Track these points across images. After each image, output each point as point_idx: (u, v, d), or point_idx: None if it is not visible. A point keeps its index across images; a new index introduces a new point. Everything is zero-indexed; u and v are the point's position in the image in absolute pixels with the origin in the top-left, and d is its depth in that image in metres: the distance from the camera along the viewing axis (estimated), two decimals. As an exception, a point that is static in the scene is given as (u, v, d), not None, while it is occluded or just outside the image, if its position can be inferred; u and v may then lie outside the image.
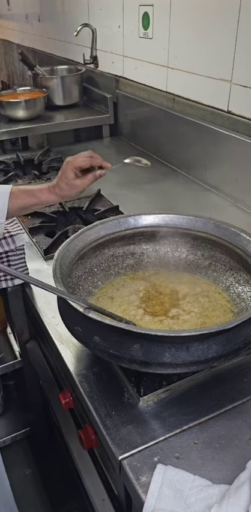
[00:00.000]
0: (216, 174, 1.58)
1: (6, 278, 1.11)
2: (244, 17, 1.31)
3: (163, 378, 0.81)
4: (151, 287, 0.96)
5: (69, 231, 1.32)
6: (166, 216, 1.01)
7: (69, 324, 0.80)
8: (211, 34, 1.46)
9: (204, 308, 0.90)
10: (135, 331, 0.68)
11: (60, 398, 0.97)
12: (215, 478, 0.65)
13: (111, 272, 1.00)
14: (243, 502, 0.57)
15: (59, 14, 2.68)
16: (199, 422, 0.74)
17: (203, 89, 1.57)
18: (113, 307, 0.90)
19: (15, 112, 2.09)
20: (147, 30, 1.79)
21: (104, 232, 0.98)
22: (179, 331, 0.79)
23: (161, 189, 1.65)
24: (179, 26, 1.62)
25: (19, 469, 1.67)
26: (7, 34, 3.99)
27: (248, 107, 1.39)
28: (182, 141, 1.72)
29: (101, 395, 0.79)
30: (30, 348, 1.33)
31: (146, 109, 1.92)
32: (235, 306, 0.90)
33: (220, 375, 0.83)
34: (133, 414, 0.76)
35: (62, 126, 2.15)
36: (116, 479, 0.85)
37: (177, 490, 0.61)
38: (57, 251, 0.87)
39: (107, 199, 1.54)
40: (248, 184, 1.44)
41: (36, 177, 1.75)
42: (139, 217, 1.01)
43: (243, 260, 0.92)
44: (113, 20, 2.04)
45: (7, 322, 1.55)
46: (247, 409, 0.76)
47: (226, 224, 0.95)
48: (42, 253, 1.24)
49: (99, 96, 2.28)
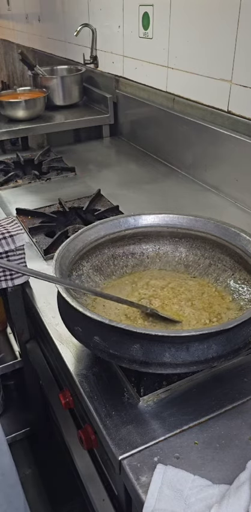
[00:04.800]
0: (216, 174, 1.58)
1: (6, 278, 1.11)
2: (244, 17, 1.31)
3: (163, 378, 0.81)
4: (151, 287, 0.96)
5: (69, 231, 1.32)
6: (166, 216, 1.01)
7: (69, 324, 0.80)
8: (211, 34, 1.46)
9: (204, 308, 0.90)
10: (135, 331, 0.68)
11: (60, 398, 0.97)
12: (215, 478, 0.65)
13: (112, 272, 1.00)
14: (243, 502, 0.57)
15: (59, 14, 2.68)
16: (199, 422, 0.74)
17: (203, 89, 1.57)
18: (113, 307, 0.90)
19: (15, 112, 2.09)
20: (147, 30, 1.79)
21: (104, 232, 0.97)
22: (179, 331, 0.79)
23: (161, 189, 1.65)
24: (179, 26, 1.62)
25: (19, 469, 1.66)
26: (7, 34, 3.99)
27: (248, 107, 1.39)
28: (182, 141, 1.72)
29: (101, 395, 0.79)
30: (30, 348, 1.33)
31: (146, 109, 1.92)
32: (235, 305, 0.90)
33: (220, 375, 0.83)
34: (133, 414, 0.76)
35: (62, 126, 2.15)
36: (116, 479, 0.85)
37: (177, 490, 0.61)
38: (57, 251, 0.87)
39: (107, 199, 1.54)
40: (248, 184, 1.44)
41: (36, 177, 1.75)
42: (139, 217, 1.01)
43: (243, 260, 0.92)
44: (113, 20, 2.04)
45: (7, 322, 1.55)
46: (247, 409, 0.76)
47: (226, 224, 0.95)
48: (42, 253, 1.24)
49: (99, 96, 2.28)
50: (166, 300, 0.92)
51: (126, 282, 0.98)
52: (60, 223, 1.41)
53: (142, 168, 1.84)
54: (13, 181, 1.74)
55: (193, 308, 0.89)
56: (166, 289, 0.95)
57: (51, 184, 1.72)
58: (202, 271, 0.99)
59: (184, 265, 1.02)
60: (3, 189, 1.68)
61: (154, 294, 0.94)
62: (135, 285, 0.97)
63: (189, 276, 1.00)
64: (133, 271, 1.02)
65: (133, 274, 1.01)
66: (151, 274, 1.00)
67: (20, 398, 1.70)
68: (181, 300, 0.92)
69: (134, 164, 1.88)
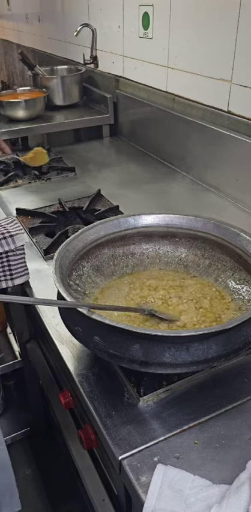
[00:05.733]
0: (216, 174, 1.58)
1: (6, 278, 1.11)
2: (244, 17, 1.31)
3: (163, 378, 0.81)
4: (151, 287, 0.96)
5: (69, 231, 1.32)
6: (166, 216, 1.01)
7: (69, 324, 0.80)
8: (211, 34, 1.46)
9: (204, 308, 0.90)
10: (135, 331, 0.68)
11: (60, 398, 0.97)
12: (215, 478, 0.65)
13: (112, 272, 1.00)
14: (243, 502, 0.57)
15: (59, 14, 2.68)
16: (199, 422, 0.74)
17: (203, 89, 1.57)
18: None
19: (15, 112, 2.09)
20: (147, 30, 1.79)
21: (104, 232, 0.97)
22: (179, 331, 0.79)
23: (161, 189, 1.65)
24: (179, 26, 1.62)
25: (19, 469, 1.67)
26: (7, 34, 3.99)
27: (248, 107, 1.39)
28: (182, 141, 1.72)
29: (101, 395, 0.79)
30: (30, 348, 1.33)
31: (146, 109, 1.92)
32: (235, 305, 0.90)
33: (220, 375, 0.83)
34: (133, 414, 0.76)
35: (62, 126, 2.15)
36: (116, 479, 0.85)
37: (177, 490, 0.61)
38: (57, 251, 0.87)
39: (107, 199, 1.54)
40: (248, 184, 1.44)
41: (36, 177, 1.75)
42: (138, 217, 1.01)
43: (243, 260, 0.92)
44: (113, 20, 2.04)
45: (7, 322, 1.55)
46: (247, 409, 0.76)
47: (226, 224, 0.95)
48: (42, 253, 1.24)
49: (99, 96, 2.28)
50: (165, 299, 0.92)
51: (125, 282, 0.98)
52: (60, 223, 1.41)
53: (141, 168, 1.84)
54: (13, 181, 1.74)
55: (192, 308, 0.89)
56: (166, 290, 0.95)
57: (51, 184, 1.72)
58: (201, 271, 0.99)
59: (184, 265, 1.02)
60: (3, 189, 1.68)
61: (153, 294, 0.94)
62: (133, 285, 0.97)
63: (189, 276, 1.00)
64: (133, 271, 1.02)
65: (133, 275, 1.01)
66: (151, 275, 1.00)
67: (20, 398, 1.70)
68: (181, 300, 0.92)
69: (134, 164, 1.88)
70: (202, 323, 0.85)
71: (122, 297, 0.93)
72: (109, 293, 0.95)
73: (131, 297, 0.93)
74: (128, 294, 0.94)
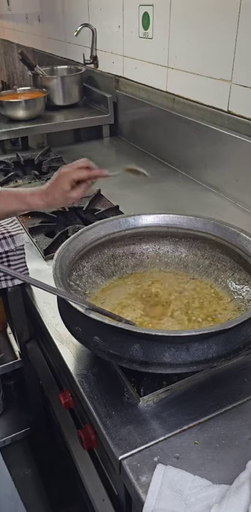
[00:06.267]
0: (216, 174, 1.58)
1: (6, 278, 1.11)
2: (244, 17, 1.31)
3: (163, 378, 0.81)
4: (151, 287, 0.96)
5: (69, 231, 1.32)
6: (166, 216, 1.01)
7: (69, 324, 0.80)
8: (211, 34, 1.46)
9: (204, 308, 0.90)
10: (135, 331, 0.68)
11: (60, 398, 0.97)
12: (215, 478, 0.65)
13: (112, 272, 1.00)
14: (243, 502, 0.57)
15: (59, 14, 2.68)
16: (199, 422, 0.74)
17: (203, 89, 1.57)
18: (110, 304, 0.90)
19: (15, 112, 2.09)
20: (147, 30, 1.79)
21: (104, 232, 0.97)
22: (179, 331, 0.79)
23: (161, 189, 1.64)
24: (179, 26, 1.62)
25: (19, 469, 1.67)
26: (7, 34, 3.99)
27: (248, 107, 1.39)
28: (182, 141, 1.72)
29: (101, 395, 0.79)
30: (30, 348, 1.33)
31: (146, 109, 1.92)
32: (235, 305, 0.90)
33: (220, 375, 0.82)
34: (133, 414, 0.76)
35: (62, 126, 2.15)
36: (116, 479, 0.84)
37: (177, 490, 0.61)
38: (57, 251, 0.87)
39: (107, 199, 1.54)
40: (248, 184, 1.44)
41: (36, 177, 1.75)
42: (138, 217, 1.01)
43: (243, 260, 0.92)
44: (113, 20, 2.04)
45: (7, 322, 1.55)
46: (247, 409, 0.76)
47: (226, 224, 0.95)
48: (42, 253, 1.24)
49: (99, 96, 2.28)
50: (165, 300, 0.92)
51: (126, 282, 0.98)
52: (60, 223, 1.41)
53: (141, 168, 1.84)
54: (13, 181, 1.74)
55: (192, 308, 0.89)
56: (166, 290, 0.95)
57: (51, 184, 1.72)
58: (201, 271, 0.99)
59: (184, 265, 1.02)
60: (3, 189, 1.68)
61: (153, 294, 0.94)
62: (135, 286, 0.97)
63: (189, 276, 1.00)
64: (133, 271, 1.02)
65: (133, 274, 1.01)
66: (151, 275, 1.00)
67: (20, 398, 1.70)
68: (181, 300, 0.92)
69: (134, 164, 1.88)
70: (198, 322, 0.86)
71: (123, 297, 0.93)
72: (109, 293, 0.95)
73: (131, 298, 0.93)
74: (127, 295, 0.94)
